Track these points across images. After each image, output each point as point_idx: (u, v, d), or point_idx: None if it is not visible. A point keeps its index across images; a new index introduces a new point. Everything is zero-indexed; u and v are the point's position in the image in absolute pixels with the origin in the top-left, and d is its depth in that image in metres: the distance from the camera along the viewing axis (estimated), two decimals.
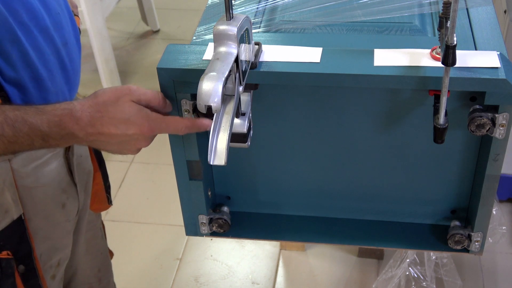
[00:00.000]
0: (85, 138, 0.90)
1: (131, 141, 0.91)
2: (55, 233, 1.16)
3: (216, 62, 0.82)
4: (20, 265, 1.07)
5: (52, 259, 1.17)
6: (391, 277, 1.82)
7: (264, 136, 1.05)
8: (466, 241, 1.06)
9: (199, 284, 1.99)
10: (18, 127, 0.88)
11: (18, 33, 0.96)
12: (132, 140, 0.91)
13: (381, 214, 1.12)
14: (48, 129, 0.89)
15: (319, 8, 1.05)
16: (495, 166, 0.96)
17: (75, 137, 0.90)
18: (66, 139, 0.91)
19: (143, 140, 0.92)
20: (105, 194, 1.33)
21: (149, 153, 2.52)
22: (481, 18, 1.02)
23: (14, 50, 0.96)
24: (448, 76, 0.85)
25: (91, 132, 0.89)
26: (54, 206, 1.14)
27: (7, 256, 1.05)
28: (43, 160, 1.09)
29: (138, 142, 0.92)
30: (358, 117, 1.00)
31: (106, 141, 0.91)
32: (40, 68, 1.00)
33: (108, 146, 0.93)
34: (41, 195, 1.11)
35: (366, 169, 1.07)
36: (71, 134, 0.90)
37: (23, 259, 1.08)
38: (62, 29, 1.06)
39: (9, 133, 0.88)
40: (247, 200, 1.15)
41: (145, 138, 0.92)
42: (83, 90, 2.87)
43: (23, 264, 1.08)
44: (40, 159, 1.09)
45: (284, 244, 2.12)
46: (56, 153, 1.13)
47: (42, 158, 1.09)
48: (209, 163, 0.84)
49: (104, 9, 2.63)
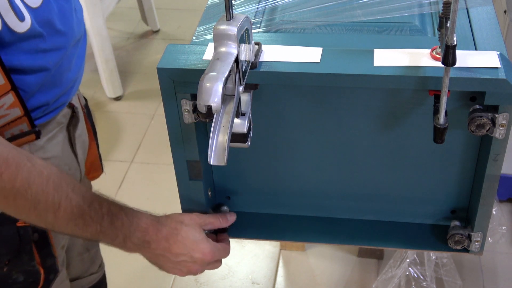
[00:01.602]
0: (154, 251, 0.98)
1: (189, 263, 1.00)
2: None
3: (216, 62, 0.82)
4: (35, 233, 1.10)
5: (61, 241, 1.20)
6: (391, 277, 1.82)
7: (264, 136, 1.05)
8: (466, 241, 1.06)
9: (199, 284, 1.99)
10: (114, 221, 0.95)
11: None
12: (191, 262, 1.00)
13: (381, 214, 1.12)
14: (131, 232, 0.96)
15: (319, 8, 1.05)
16: (495, 166, 0.96)
17: (147, 247, 0.98)
18: (138, 247, 0.98)
19: (200, 265, 1.02)
20: (99, 162, 1.36)
21: (149, 153, 2.52)
22: (481, 18, 1.02)
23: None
24: (448, 76, 0.85)
25: (163, 246, 0.98)
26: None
27: (24, 224, 1.07)
28: (53, 133, 1.13)
29: (194, 266, 1.01)
30: (358, 117, 1.00)
31: (169, 258, 0.99)
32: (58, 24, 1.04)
33: (166, 263, 1.01)
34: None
35: (366, 169, 1.07)
36: (147, 242, 0.97)
37: (36, 228, 1.10)
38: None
39: (105, 224, 0.95)
40: (247, 200, 1.15)
41: (202, 264, 1.01)
42: (83, 90, 2.87)
43: (37, 232, 1.11)
44: (50, 132, 1.12)
45: (284, 244, 2.11)
46: (63, 126, 1.16)
47: (52, 131, 1.12)
48: (209, 163, 0.84)
49: (104, 9, 2.63)
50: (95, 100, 2.79)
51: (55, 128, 1.13)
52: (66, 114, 1.17)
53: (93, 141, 1.32)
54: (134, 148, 2.54)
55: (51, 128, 1.12)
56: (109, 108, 2.76)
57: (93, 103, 2.77)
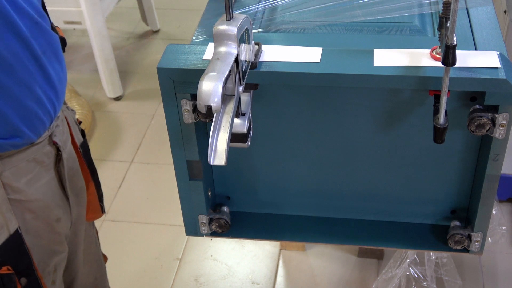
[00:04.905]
0: None
1: None
2: (50, 242, 1.16)
3: (216, 62, 0.82)
4: (22, 278, 1.07)
5: (49, 265, 1.17)
6: (391, 277, 1.82)
7: (264, 136, 1.05)
8: (466, 241, 1.06)
9: (199, 284, 1.99)
10: None
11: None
12: None
13: (381, 214, 1.12)
14: None
15: (319, 8, 1.05)
16: (495, 166, 0.96)
17: None
18: None
19: None
20: (98, 203, 1.31)
21: (149, 153, 2.52)
22: (481, 18, 1.02)
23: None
24: (448, 76, 0.85)
25: None
26: (48, 221, 1.13)
27: (8, 271, 1.05)
28: (34, 174, 1.08)
29: None
30: (358, 117, 1.00)
31: None
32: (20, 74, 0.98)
33: None
34: (35, 209, 1.10)
35: (366, 169, 1.07)
36: None
37: (24, 272, 1.08)
38: (40, 38, 1.03)
39: None
40: (247, 200, 1.15)
41: None
42: (83, 90, 2.88)
43: (25, 276, 1.08)
44: (30, 173, 1.07)
45: (284, 244, 2.11)
46: (47, 166, 1.11)
47: (32, 172, 1.08)
48: (209, 163, 0.84)
49: (104, 9, 2.63)
50: (95, 100, 2.79)
51: (35, 167, 1.08)
52: (48, 153, 1.11)
53: (90, 181, 1.26)
54: (134, 148, 2.54)
55: (30, 168, 1.07)
56: (109, 108, 2.76)
57: (93, 103, 2.77)
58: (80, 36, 3.25)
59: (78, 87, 2.80)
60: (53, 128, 1.11)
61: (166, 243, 2.14)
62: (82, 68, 3.04)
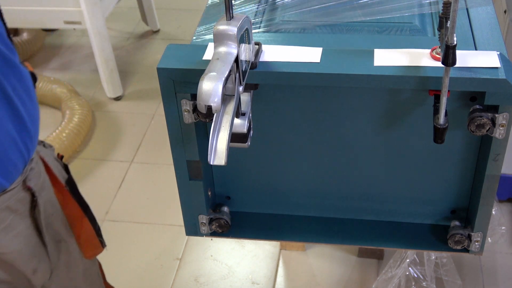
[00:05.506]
0: None
1: None
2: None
3: (216, 62, 0.82)
4: None
5: None
6: (391, 277, 1.82)
7: (264, 136, 1.05)
8: (466, 241, 1.06)
9: (199, 284, 1.99)
10: None
11: None
12: None
13: (381, 214, 1.12)
14: None
15: (319, 8, 1.05)
16: (495, 166, 0.96)
17: None
18: None
19: None
20: (97, 238, 1.25)
21: (149, 153, 2.52)
22: (481, 18, 1.02)
23: None
24: (448, 76, 0.85)
25: None
26: (24, 274, 1.08)
27: None
28: (7, 223, 1.01)
29: None
30: (358, 117, 1.00)
31: None
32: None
33: None
34: (9, 261, 1.04)
35: (366, 169, 1.07)
36: None
37: None
38: (10, 75, 0.97)
39: None
40: (247, 200, 1.15)
41: None
42: (83, 90, 2.88)
43: None
44: (3, 222, 1.01)
45: (284, 244, 2.11)
46: (21, 213, 1.04)
47: (5, 221, 1.01)
48: (209, 163, 0.84)
49: (104, 9, 2.63)
50: (95, 100, 2.79)
51: (9, 216, 1.01)
52: (22, 200, 1.03)
53: (84, 218, 1.19)
54: (134, 148, 2.54)
55: (3, 217, 0.99)
56: (109, 108, 2.76)
57: (93, 103, 2.77)
58: (80, 36, 3.25)
59: (78, 87, 2.80)
60: (27, 171, 1.03)
61: (166, 243, 2.14)
62: (82, 68, 3.04)
